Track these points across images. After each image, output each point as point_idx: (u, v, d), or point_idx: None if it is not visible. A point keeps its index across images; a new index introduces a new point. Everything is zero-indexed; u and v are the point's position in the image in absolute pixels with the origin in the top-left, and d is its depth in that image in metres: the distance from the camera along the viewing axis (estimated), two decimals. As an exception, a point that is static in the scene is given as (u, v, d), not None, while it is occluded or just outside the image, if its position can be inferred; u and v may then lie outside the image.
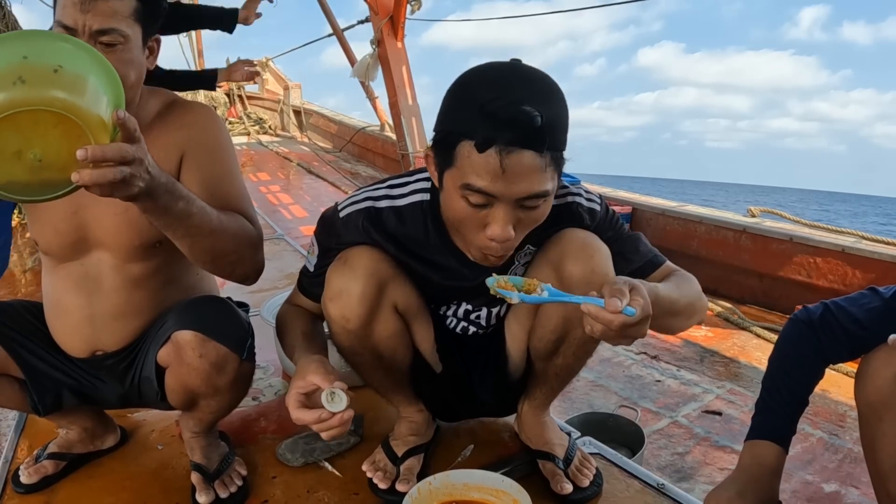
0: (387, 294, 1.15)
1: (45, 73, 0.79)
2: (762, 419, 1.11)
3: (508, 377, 1.33)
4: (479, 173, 0.91)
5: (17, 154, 0.79)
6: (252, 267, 1.19)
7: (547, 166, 0.92)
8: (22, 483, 1.30)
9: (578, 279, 1.09)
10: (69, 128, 0.79)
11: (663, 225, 3.82)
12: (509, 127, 0.88)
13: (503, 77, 0.93)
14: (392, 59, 5.74)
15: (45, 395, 1.24)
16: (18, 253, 3.91)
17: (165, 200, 0.95)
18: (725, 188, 77.33)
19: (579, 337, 1.18)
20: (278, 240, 3.88)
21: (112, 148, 0.81)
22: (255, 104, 9.94)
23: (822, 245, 3.07)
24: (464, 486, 1.14)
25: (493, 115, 0.88)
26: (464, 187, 0.94)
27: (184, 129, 1.18)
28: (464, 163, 0.93)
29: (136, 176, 0.85)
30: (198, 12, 3.12)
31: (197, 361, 1.12)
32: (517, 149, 0.89)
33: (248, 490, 1.30)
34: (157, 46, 1.15)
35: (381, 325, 1.17)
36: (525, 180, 0.92)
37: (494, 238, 0.97)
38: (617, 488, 1.34)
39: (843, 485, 1.73)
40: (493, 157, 0.89)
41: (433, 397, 1.38)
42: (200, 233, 1.04)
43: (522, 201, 0.94)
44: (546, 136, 0.90)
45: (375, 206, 1.15)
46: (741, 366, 2.55)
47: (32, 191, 0.83)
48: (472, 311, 1.28)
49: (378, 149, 7.00)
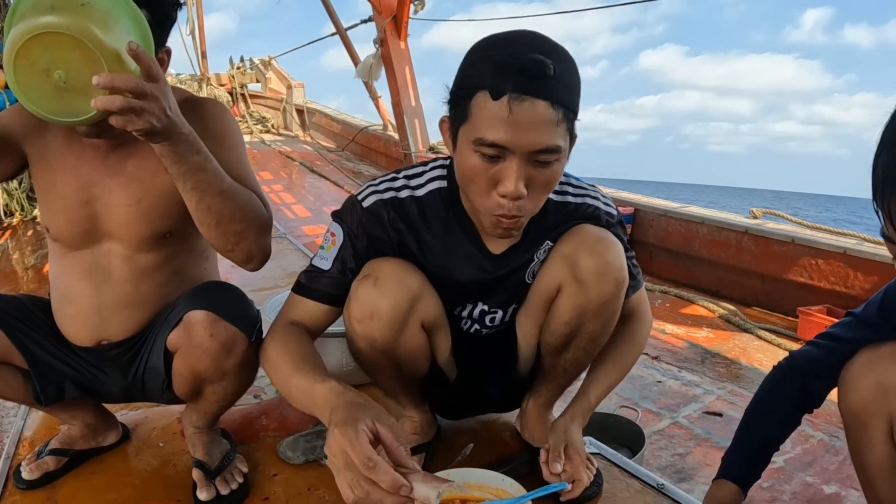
0: (415, 311, 1.13)
1: (73, 5, 0.90)
2: (729, 461, 1.20)
3: (517, 374, 1.32)
4: (491, 124, 0.93)
5: (46, 72, 0.91)
6: (257, 246, 1.15)
7: (559, 122, 0.94)
8: (24, 479, 1.30)
9: (593, 272, 1.11)
10: (87, 54, 0.89)
11: (665, 226, 3.82)
12: (522, 73, 0.90)
13: (517, 35, 0.97)
14: (395, 59, 5.75)
15: (48, 385, 1.25)
16: (21, 250, 3.92)
17: (183, 148, 1.00)
18: (726, 192, 77.36)
19: (591, 331, 1.18)
20: (280, 238, 3.89)
21: (123, 77, 0.88)
22: (257, 103, 9.95)
23: (824, 247, 3.07)
24: (464, 485, 1.14)
25: (505, 62, 0.91)
26: (476, 142, 0.95)
27: (196, 122, 1.17)
28: (477, 115, 0.95)
29: (147, 111, 0.90)
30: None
31: (207, 341, 1.13)
32: (529, 97, 0.91)
33: (248, 487, 1.31)
34: (168, 58, 1.14)
35: (406, 342, 1.16)
36: (537, 131, 0.93)
37: (506, 194, 0.97)
38: (617, 488, 1.34)
39: (843, 486, 1.73)
40: (505, 104, 0.91)
41: (440, 398, 1.38)
42: (210, 190, 1.05)
43: (535, 155, 0.95)
44: (558, 86, 0.92)
45: (398, 196, 1.14)
46: (742, 367, 2.55)
47: (61, 111, 0.95)
48: (487, 313, 1.26)
49: (381, 148, 7.00)
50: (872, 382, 0.98)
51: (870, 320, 1.06)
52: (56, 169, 1.16)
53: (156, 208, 1.18)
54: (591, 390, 1.28)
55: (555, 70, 0.91)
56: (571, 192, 1.20)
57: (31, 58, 0.91)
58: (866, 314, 1.08)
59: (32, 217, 4.53)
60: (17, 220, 4.59)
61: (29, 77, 0.92)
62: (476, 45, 0.99)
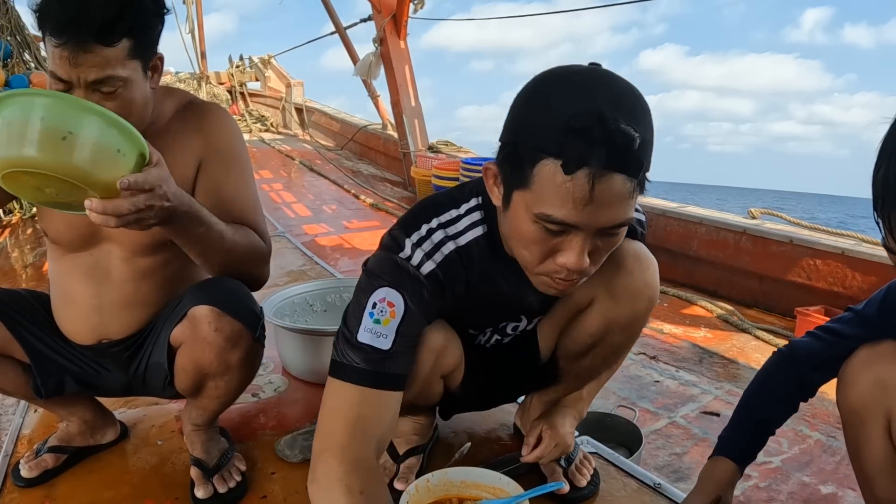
0: (437, 367, 1.11)
1: (55, 140, 0.85)
2: (727, 440, 1.17)
3: (530, 374, 1.30)
4: (562, 199, 0.80)
5: (37, 189, 0.91)
6: (254, 277, 1.24)
7: (634, 191, 0.82)
8: (22, 477, 1.31)
9: (630, 290, 1.09)
10: (76, 186, 0.88)
11: (664, 226, 3.82)
12: (605, 146, 0.76)
13: (590, 87, 0.80)
14: (395, 58, 5.75)
15: (48, 379, 1.25)
16: (20, 248, 3.92)
17: (186, 223, 1.03)
18: (726, 192, 77.13)
19: (614, 342, 1.17)
20: (280, 237, 3.89)
21: (114, 206, 0.90)
22: (257, 102, 9.94)
23: (822, 247, 3.07)
24: (461, 484, 1.14)
25: (586, 132, 0.76)
26: (540, 216, 0.83)
27: (201, 133, 1.20)
28: (544, 186, 0.81)
29: (145, 218, 0.95)
30: None
31: (212, 335, 1.14)
32: (610, 172, 0.78)
33: (246, 485, 1.31)
34: (161, 63, 1.14)
35: (425, 393, 1.16)
36: (612, 208, 0.81)
37: (568, 267, 0.87)
38: (614, 487, 1.34)
39: (840, 486, 1.74)
40: (581, 181, 0.78)
41: (447, 404, 1.35)
42: (214, 251, 1.11)
43: (605, 230, 0.85)
44: (642, 158, 0.80)
45: (446, 256, 0.99)
46: (740, 367, 2.56)
47: (58, 206, 0.97)
48: (509, 324, 1.20)
49: (380, 147, 7.00)
50: (871, 379, 0.99)
51: (870, 318, 1.07)
52: None
53: None
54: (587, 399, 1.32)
55: (640, 138, 0.78)
56: None
57: (19, 180, 0.89)
58: (867, 312, 1.08)
59: (31, 215, 4.52)
60: (17, 218, 4.58)
61: (19, 189, 0.92)
62: (538, 88, 0.84)
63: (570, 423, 1.29)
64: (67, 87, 1.02)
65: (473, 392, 1.28)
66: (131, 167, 0.92)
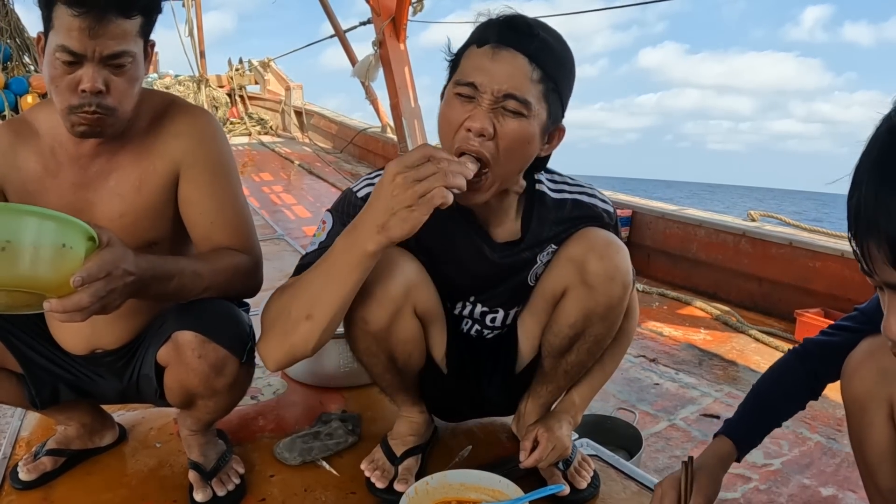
0: (410, 297, 1.12)
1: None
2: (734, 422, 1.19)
3: (516, 375, 1.32)
4: (473, 64, 1.00)
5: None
6: (244, 293, 1.23)
7: (536, 81, 0.98)
8: (20, 479, 1.30)
9: (602, 276, 1.12)
10: (26, 293, 0.85)
11: (663, 228, 3.82)
12: (506, 25, 1.00)
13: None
14: (394, 61, 5.75)
15: (43, 389, 1.24)
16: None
17: (156, 285, 1.02)
18: (725, 190, 77.20)
19: (596, 333, 1.19)
20: (278, 240, 3.89)
21: (72, 303, 0.88)
22: (256, 104, 9.95)
23: (821, 250, 3.07)
24: (461, 486, 1.14)
25: (493, 20, 1.02)
26: (454, 84, 1.02)
27: (181, 138, 1.15)
28: (464, 63, 1.02)
29: (110, 301, 0.92)
30: None
31: (196, 362, 1.11)
32: (504, 46, 0.98)
33: (245, 488, 1.30)
34: (152, 51, 1.11)
35: (400, 329, 1.14)
36: (510, 78, 0.98)
37: (472, 129, 0.99)
38: (614, 490, 1.34)
39: (840, 489, 1.73)
40: (486, 52, 0.99)
41: (438, 399, 1.38)
42: (193, 292, 1.11)
43: (501, 101, 0.99)
44: (543, 48, 0.99)
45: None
46: (740, 369, 2.55)
47: (20, 311, 0.93)
48: (487, 313, 1.26)
49: (379, 150, 7.00)
50: (874, 368, 1.00)
51: (872, 314, 1.09)
52: (35, 193, 1.13)
53: (139, 223, 1.15)
54: (575, 389, 1.33)
55: (537, 26, 0.99)
56: (568, 190, 1.22)
57: None
58: (870, 308, 1.11)
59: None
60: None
61: None
62: None
63: (566, 427, 1.30)
64: (78, 61, 0.99)
65: (463, 384, 1.30)
66: (82, 256, 0.88)
